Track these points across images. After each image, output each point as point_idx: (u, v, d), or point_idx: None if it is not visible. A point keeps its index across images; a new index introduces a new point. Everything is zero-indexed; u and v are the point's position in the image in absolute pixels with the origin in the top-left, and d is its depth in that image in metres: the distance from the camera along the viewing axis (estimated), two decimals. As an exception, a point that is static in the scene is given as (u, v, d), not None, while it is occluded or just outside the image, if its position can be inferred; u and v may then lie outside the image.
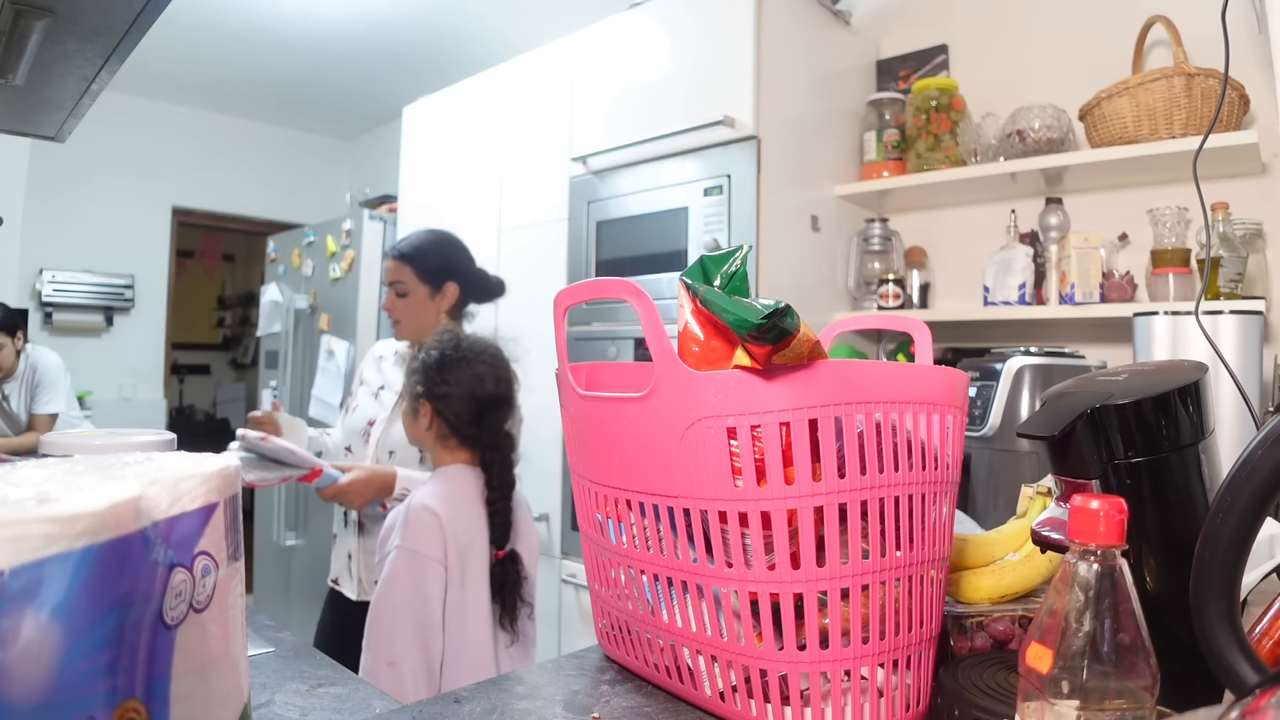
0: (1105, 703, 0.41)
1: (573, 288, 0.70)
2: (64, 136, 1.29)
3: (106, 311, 4.28)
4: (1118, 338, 1.77)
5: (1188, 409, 0.60)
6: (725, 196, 1.92)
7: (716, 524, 0.59)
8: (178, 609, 0.35)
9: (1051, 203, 1.99)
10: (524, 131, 2.52)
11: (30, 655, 0.27)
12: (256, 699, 0.70)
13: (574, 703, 0.68)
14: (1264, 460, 0.48)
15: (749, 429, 0.57)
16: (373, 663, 1.25)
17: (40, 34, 0.81)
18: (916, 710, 0.62)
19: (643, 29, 2.16)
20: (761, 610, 0.58)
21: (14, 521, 0.27)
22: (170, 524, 0.35)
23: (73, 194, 4.14)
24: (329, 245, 3.32)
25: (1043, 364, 1.48)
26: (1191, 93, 1.64)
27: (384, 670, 1.24)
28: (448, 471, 1.39)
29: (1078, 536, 0.43)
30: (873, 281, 2.18)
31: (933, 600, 0.63)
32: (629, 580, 0.71)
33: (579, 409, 0.71)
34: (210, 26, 3.40)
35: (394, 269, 1.73)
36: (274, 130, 4.88)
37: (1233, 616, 0.49)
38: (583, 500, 0.75)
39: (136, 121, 4.34)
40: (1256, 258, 1.65)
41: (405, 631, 1.26)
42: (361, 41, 3.55)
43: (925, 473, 0.61)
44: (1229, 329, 1.42)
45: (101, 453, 0.67)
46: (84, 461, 0.40)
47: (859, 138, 2.26)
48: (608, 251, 2.20)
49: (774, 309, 0.53)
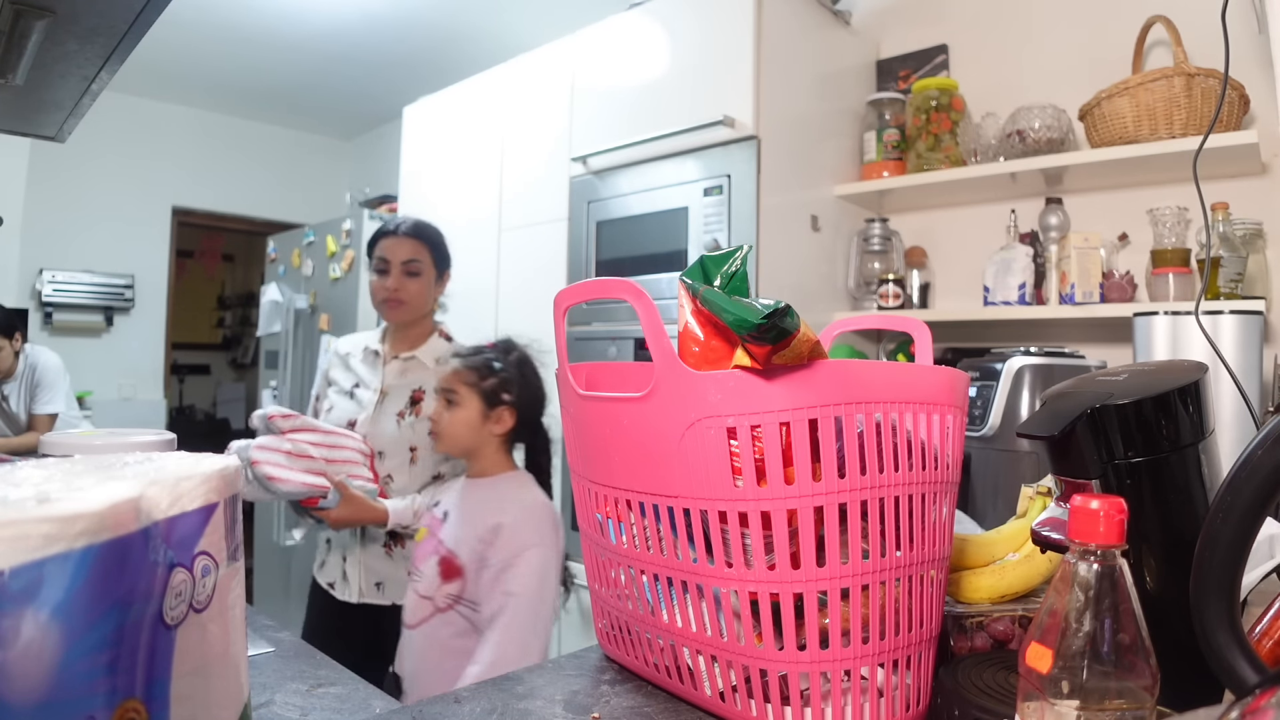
0: (1105, 703, 0.41)
1: (573, 288, 0.70)
2: (64, 136, 1.29)
3: (106, 311, 4.28)
4: (1118, 338, 1.77)
5: (1188, 409, 0.60)
6: (725, 196, 1.92)
7: (716, 524, 0.59)
8: (178, 609, 0.35)
9: (1051, 203, 1.99)
10: (524, 131, 2.52)
11: (30, 655, 0.27)
12: (256, 699, 0.70)
13: (574, 703, 0.68)
14: (1264, 460, 0.48)
15: (749, 429, 0.57)
16: (514, 654, 1.20)
17: (40, 34, 0.81)
18: (916, 710, 0.62)
19: (643, 29, 2.16)
20: (761, 610, 0.58)
21: (14, 521, 0.27)
22: (170, 524, 0.35)
23: (73, 194, 4.14)
24: (329, 245, 3.32)
25: (1043, 364, 1.48)
26: (1191, 93, 1.64)
27: (518, 660, 1.20)
28: (521, 477, 1.40)
29: (1078, 536, 0.43)
30: (873, 281, 2.18)
31: (933, 600, 0.63)
32: (629, 580, 0.70)
33: (579, 409, 0.71)
34: (210, 26, 3.40)
35: (412, 248, 1.66)
36: (274, 130, 4.88)
37: (1233, 616, 0.49)
38: (583, 500, 0.75)
39: (136, 121, 4.34)
40: (1256, 258, 1.65)
41: (547, 628, 1.27)
42: (361, 41, 3.55)
43: (925, 473, 0.61)
44: (1229, 329, 1.42)
45: (101, 453, 0.67)
46: (84, 461, 0.40)
47: (859, 138, 2.26)
48: (608, 251, 2.20)
49: (774, 309, 0.53)
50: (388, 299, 1.64)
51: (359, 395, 1.66)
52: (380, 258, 1.65)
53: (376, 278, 1.66)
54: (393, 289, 1.63)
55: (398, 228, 1.67)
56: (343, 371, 1.72)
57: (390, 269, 1.64)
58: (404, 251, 1.65)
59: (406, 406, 1.63)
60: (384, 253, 1.65)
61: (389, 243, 1.66)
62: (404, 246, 1.65)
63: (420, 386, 1.64)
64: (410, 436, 1.61)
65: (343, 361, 1.73)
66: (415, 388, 1.64)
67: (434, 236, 1.70)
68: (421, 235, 1.67)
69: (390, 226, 1.68)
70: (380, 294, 1.65)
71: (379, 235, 1.68)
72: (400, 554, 1.61)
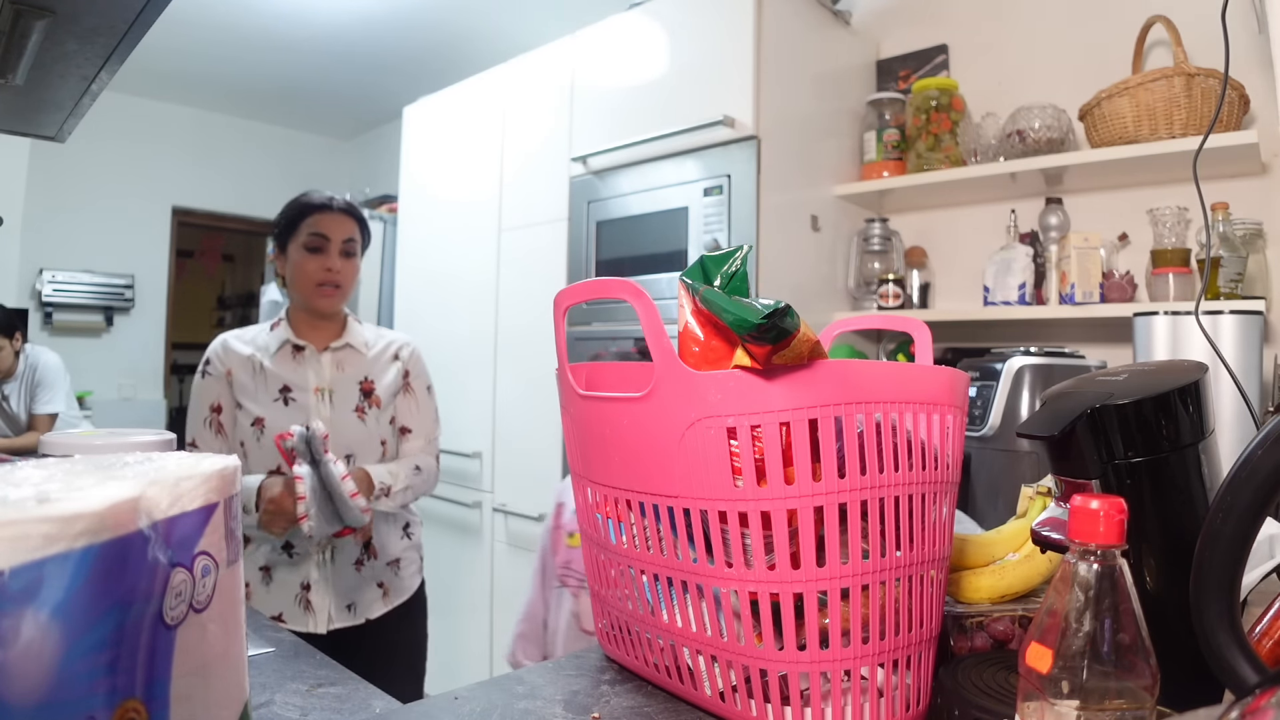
0: (1105, 703, 0.41)
1: (573, 288, 0.70)
2: (64, 136, 1.29)
3: (106, 311, 4.29)
4: (1118, 338, 1.77)
5: (1188, 409, 0.60)
6: (725, 196, 1.92)
7: (716, 524, 0.59)
8: (178, 609, 0.35)
9: (1051, 203, 1.99)
10: (524, 131, 2.52)
11: (30, 655, 0.27)
12: (256, 699, 0.70)
13: (574, 703, 0.68)
14: (1264, 460, 0.48)
15: (749, 429, 0.56)
16: None
17: (40, 34, 0.81)
18: (916, 710, 0.62)
19: (643, 29, 2.16)
20: (761, 610, 0.58)
21: (14, 521, 0.27)
22: (170, 524, 0.35)
23: (73, 194, 4.14)
24: (329, 245, 3.31)
25: (1043, 364, 1.48)
26: (1191, 93, 1.64)
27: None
28: None
29: (1078, 536, 0.43)
30: (873, 281, 2.18)
31: (933, 600, 0.63)
32: (629, 580, 0.70)
33: (579, 409, 0.71)
34: (210, 26, 3.40)
35: (347, 225, 1.50)
36: (274, 130, 4.88)
37: (1233, 616, 0.49)
38: (583, 500, 0.75)
39: (136, 121, 4.35)
40: (1256, 258, 1.65)
41: None
42: (361, 41, 3.55)
43: (925, 473, 0.61)
44: (1229, 329, 1.42)
45: (101, 453, 0.67)
46: (84, 461, 0.40)
47: (859, 138, 2.26)
48: (608, 251, 2.20)
49: (774, 309, 0.53)
50: (324, 282, 1.47)
51: (302, 400, 1.47)
52: (316, 234, 1.48)
53: (306, 256, 1.47)
54: (332, 271, 1.47)
55: (332, 202, 1.51)
56: (253, 377, 1.47)
57: (328, 248, 1.47)
58: (342, 229, 1.49)
59: (361, 400, 1.52)
60: (321, 228, 1.48)
61: (327, 218, 1.49)
62: (342, 224, 1.50)
63: (367, 376, 1.54)
64: (377, 430, 1.53)
65: (248, 366, 1.48)
66: (361, 379, 1.53)
67: (363, 216, 1.58)
68: (356, 214, 1.54)
69: (322, 200, 1.52)
70: (316, 276, 1.47)
71: (311, 208, 1.50)
72: (371, 566, 1.52)
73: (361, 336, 1.57)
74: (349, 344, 1.54)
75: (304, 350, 1.51)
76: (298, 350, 1.51)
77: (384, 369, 1.57)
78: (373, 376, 1.54)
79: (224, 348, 1.50)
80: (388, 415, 1.56)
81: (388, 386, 1.57)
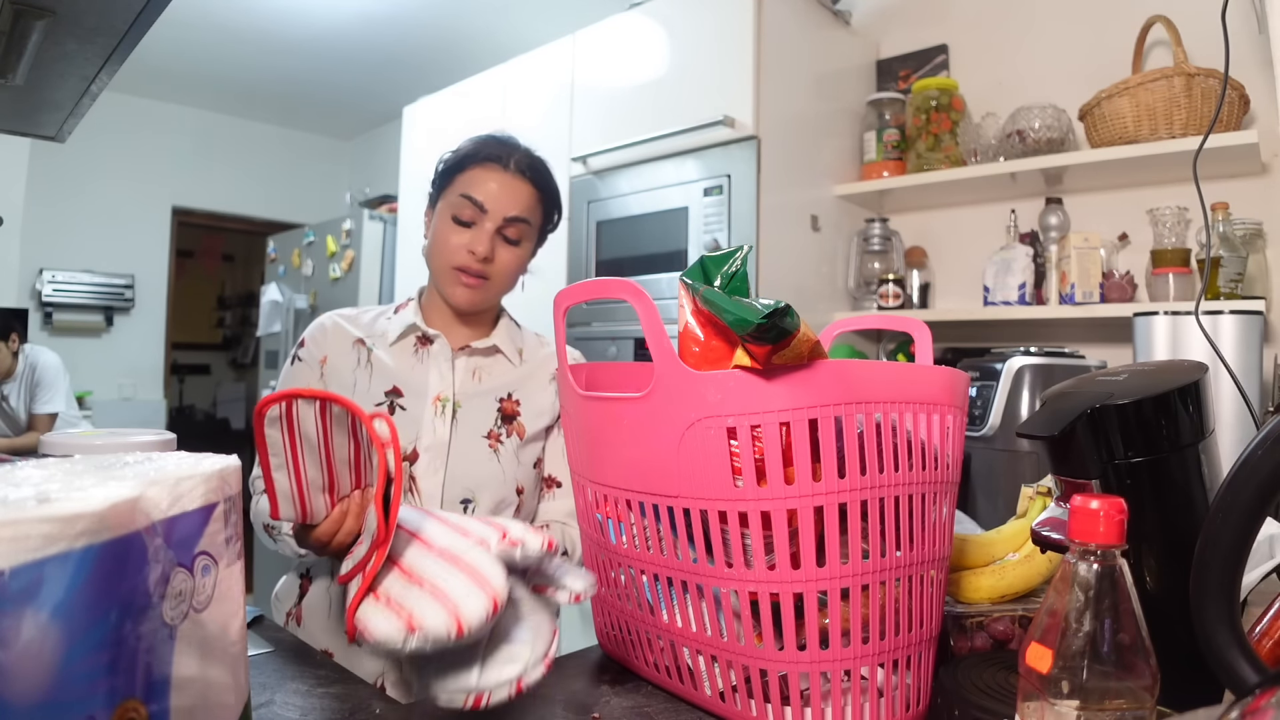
0: (1105, 703, 0.41)
1: (573, 288, 0.70)
2: (64, 136, 1.29)
3: (106, 311, 4.28)
4: (1118, 338, 1.77)
5: (1188, 409, 0.60)
6: (725, 196, 1.92)
7: (716, 524, 0.59)
8: (178, 609, 0.35)
9: (1051, 203, 1.99)
10: (524, 131, 2.49)
11: (30, 655, 0.27)
12: (256, 699, 0.70)
13: (574, 703, 0.68)
14: (1264, 460, 0.48)
15: (749, 429, 0.56)
16: None
17: (40, 34, 0.81)
18: (916, 710, 0.62)
19: (643, 29, 2.16)
20: (761, 610, 0.58)
21: (14, 521, 0.27)
22: (170, 524, 0.35)
23: (73, 194, 4.14)
24: (329, 245, 3.32)
25: (1043, 364, 1.48)
26: (1191, 93, 1.64)
27: None
28: None
29: (1078, 536, 0.43)
30: (873, 281, 2.18)
31: (933, 600, 0.63)
32: (629, 580, 0.70)
33: (579, 409, 0.71)
34: (210, 26, 3.40)
35: (518, 194, 1.04)
36: (274, 130, 4.88)
37: (1233, 616, 0.49)
38: (583, 500, 0.75)
39: (136, 121, 4.34)
40: (1256, 258, 1.65)
41: None
42: (361, 41, 3.55)
43: (925, 473, 0.61)
44: (1229, 329, 1.42)
45: (101, 453, 0.67)
46: (84, 461, 0.40)
47: (859, 138, 2.26)
48: (608, 251, 2.20)
49: (774, 309, 0.53)
50: (464, 267, 1.02)
51: (408, 409, 1.03)
52: (467, 197, 1.02)
53: (451, 227, 1.03)
54: (483, 255, 1.02)
55: (506, 157, 1.05)
56: (356, 368, 1.05)
57: (482, 222, 1.03)
58: (513, 199, 1.04)
59: (497, 424, 1.06)
60: (475, 191, 1.03)
61: (492, 178, 1.04)
62: (515, 192, 1.04)
63: (511, 394, 1.08)
64: (514, 469, 1.05)
65: (353, 353, 1.06)
66: (502, 395, 1.08)
67: (552, 185, 1.12)
68: (541, 180, 1.08)
69: (495, 149, 1.06)
70: (455, 257, 1.02)
71: (472, 159, 1.06)
72: None
73: (516, 341, 1.14)
74: (496, 347, 1.10)
75: (432, 344, 1.07)
76: (424, 342, 1.08)
77: (539, 389, 1.11)
78: (520, 396, 1.08)
79: (325, 328, 1.09)
80: (532, 455, 1.08)
81: (540, 414, 1.09)
